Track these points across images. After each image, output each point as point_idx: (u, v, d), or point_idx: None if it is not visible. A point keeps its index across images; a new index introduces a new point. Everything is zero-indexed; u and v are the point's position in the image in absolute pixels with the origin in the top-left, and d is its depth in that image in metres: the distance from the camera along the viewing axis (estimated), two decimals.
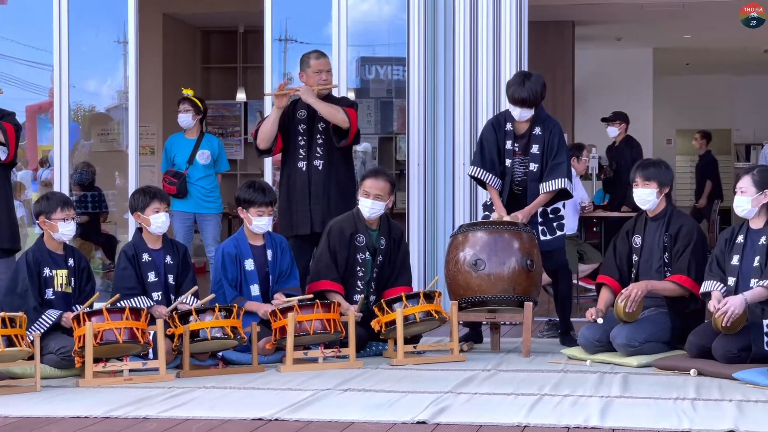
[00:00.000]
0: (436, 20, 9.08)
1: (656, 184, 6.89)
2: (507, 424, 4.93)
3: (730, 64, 18.63)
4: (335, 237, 7.13)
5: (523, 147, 7.41)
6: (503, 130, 7.45)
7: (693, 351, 6.43)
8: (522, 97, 7.27)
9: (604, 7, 13.17)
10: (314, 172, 7.76)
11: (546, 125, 7.40)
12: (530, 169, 7.38)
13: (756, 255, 6.36)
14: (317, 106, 7.67)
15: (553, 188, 7.30)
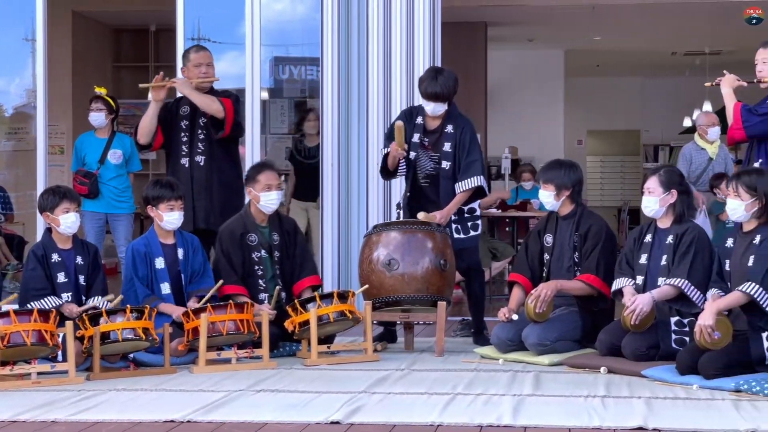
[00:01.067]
0: (350, 21, 9.08)
1: (554, 186, 6.96)
2: (420, 423, 4.94)
3: (640, 66, 18.88)
4: (226, 241, 7.11)
5: (434, 143, 7.44)
6: (413, 122, 7.47)
7: (603, 349, 6.51)
8: (435, 91, 7.30)
9: (516, 8, 13.27)
10: (196, 168, 7.77)
11: (458, 123, 7.43)
12: (442, 166, 7.40)
13: (663, 254, 6.46)
14: (192, 97, 7.69)
15: (469, 187, 7.33)
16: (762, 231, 6.01)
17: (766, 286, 5.81)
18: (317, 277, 7.33)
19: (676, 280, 6.28)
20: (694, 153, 10.60)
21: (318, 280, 7.31)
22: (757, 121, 6.71)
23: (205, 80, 7.81)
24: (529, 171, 12.23)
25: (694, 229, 6.43)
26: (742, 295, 5.85)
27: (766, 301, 5.79)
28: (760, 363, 5.86)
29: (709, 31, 15.23)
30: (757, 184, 6.04)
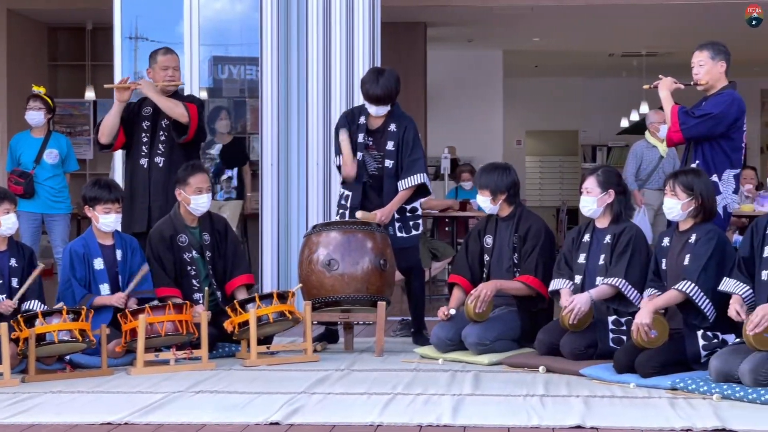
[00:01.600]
0: (289, 20, 9.05)
1: (489, 191, 7.00)
2: (360, 423, 4.94)
3: (578, 67, 19.02)
4: (156, 243, 7.07)
5: (377, 142, 7.45)
6: (356, 124, 7.48)
7: (542, 348, 6.55)
8: (377, 94, 7.30)
9: (456, 9, 13.30)
10: (155, 169, 7.72)
11: (401, 122, 7.45)
12: (385, 165, 7.42)
13: (601, 253, 6.51)
14: (157, 99, 7.65)
15: (412, 184, 7.35)
16: (697, 230, 6.07)
17: (702, 284, 5.87)
18: (250, 276, 7.30)
19: (614, 280, 6.33)
20: (645, 151, 10.64)
21: (251, 279, 7.28)
22: (694, 123, 6.77)
23: (171, 83, 7.77)
24: (469, 171, 12.26)
25: (631, 229, 6.49)
26: (678, 293, 5.91)
27: (701, 299, 5.86)
28: (695, 361, 5.93)
29: (646, 32, 15.38)
30: (693, 184, 6.11)
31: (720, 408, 5.17)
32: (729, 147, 6.81)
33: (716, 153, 6.80)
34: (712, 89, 6.90)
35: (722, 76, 6.90)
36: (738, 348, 5.64)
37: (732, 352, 5.63)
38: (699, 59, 6.90)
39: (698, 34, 9.47)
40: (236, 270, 7.22)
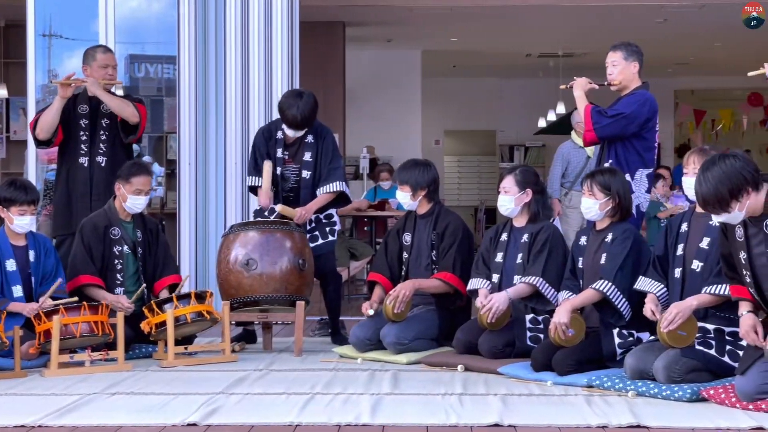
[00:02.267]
0: (207, 18, 8.99)
1: (409, 187, 7.02)
2: (279, 423, 4.92)
3: (495, 67, 19.14)
4: (89, 232, 7.00)
5: (293, 154, 7.45)
6: (274, 139, 7.48)
7: (460, 347, 6.58)
8: (296, 121, 7.29)
9: (374, 9, 13.31)
10: (96, 168, 7.65)
11: (319, 132, 7.46)
12: (303, 176, 7.43)
13: (519, 252, 6.56)
14: (106, 98, 7.58)
15: (331, 191, 7.36)
16: (614, 229, 6.14)
17: (618, 283, 5.94)
18: (179, 276, 7.24)
19: (531, 279, 6.38)
20: (572, 152, 10.50)
21: (179, 279, 7.22)
22: (607, 122, 6.85)
23: (110, 82, 7.72)
24: (387, 171, 12.28)
25: (548, 228, 6.55)
26: (595, 292, 5.97)
27: (618, 298, 5.93)
28: (611, 359, 6.00)
29: (563, 33, 15.52)
30: (610, 183, 6.18)
31: (635, 405, 5.24)
32: (642, 147, 6.90)
33: (629, 152, 6.89)
34: (626, 89, 6.98)
35: (635, 77, 6.98)
36: (652, 345, 5.72)
37: (646, 350, 5.70)
38: (613, 59, 6.98)
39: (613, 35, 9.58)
40: (166, 270, 7.17)
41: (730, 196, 4.97)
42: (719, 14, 13.55)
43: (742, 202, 5.00)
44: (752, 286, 5.19)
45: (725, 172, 4.98)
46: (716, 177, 4.99)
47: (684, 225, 5.82)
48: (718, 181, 4.98)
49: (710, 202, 5.02)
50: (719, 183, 4.97)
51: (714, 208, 5.05)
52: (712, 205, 5.03)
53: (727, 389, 5.26)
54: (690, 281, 5.68)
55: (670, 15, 13.56)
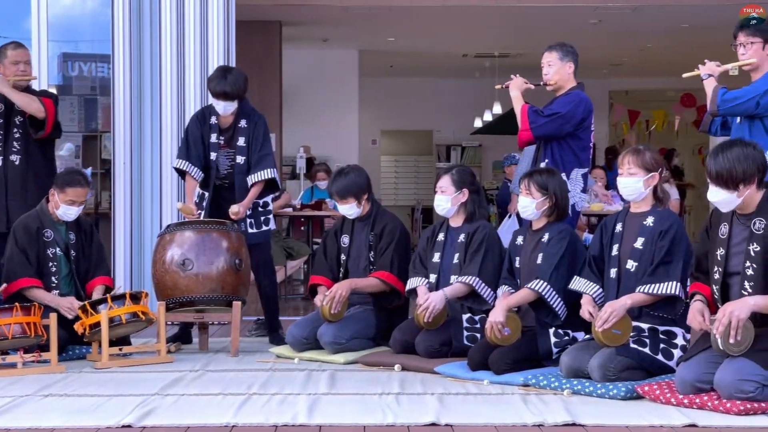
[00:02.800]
0: (142, 17, 8.92)
1: (353, 197, 6.97)
2: (215, 424, 4.89)
3: (432, 67, 19.17)
4: (22, 235, 6.92)
5: (228, 140, 7.43)
6: (208, 124, 7.44)
7: (397, 347, 6.58)
8: (224, 90, 7.27)
9: (311, 8, 13.28)
10: (11, 167, 7.57)
11: (251, 118, 7.44)
12: (237, 161, 7.40)
13: (456, 252, 6.58)
14: (11, 95, 7.52)
15: (261, 179, 7.34)
16: (550, 229, 6.18)
17: (554, 283, 5.98)
18: (110, 279, 7.18)
19: (468, 278, 6.40)
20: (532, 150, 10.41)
21: (110, 282, 7.15)
22: (543, 122, 6.89)
23: (23, 78, 7.65)
24: (324, 170, 12.26)
25: (484, 228, 6.57)
26: (531, 292, 6.01)
27: (553, 298, 5.97)
28: (547, 358, 6.04)
29: (499, 34, 15.59)
30: (548, 183, 6.22)
31: (570, 403, 5.27)
32: (577, 146, 6.95)
33: (565, 152, 6.93)
34: (561, 89, 7.03)
35: (571, 77, 7.03)
36: (587, 344, 5.76)
37: (582, 349, 5.75)
38: (548, 60, 7.03)
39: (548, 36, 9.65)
40: (98, 272, 7.09)
41: (743, 176, 5.12)
42: (652, 16, 13.70)
43: (746, 188, 5.15)
44: (718, 284, 5.27)
45: (745, 154, 5.15)
46: (736, 155, 5.14)
47: (619, 225, 5.88)
48: (736, 160, 5.13)
49: (723, 176, 5.15)
50: (737, 161, 5.13)
51: (721, 184, 5.17)
52: (723, 180, 5.16)
53: (661, 386, 5.32)
54: (625, 281, 5.73)
55: (604, 16, 13.68)
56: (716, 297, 5.29)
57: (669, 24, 14.41)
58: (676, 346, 5.65)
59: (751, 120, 6.10)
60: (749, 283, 5.15)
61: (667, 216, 5.75)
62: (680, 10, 13.33)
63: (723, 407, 4.97)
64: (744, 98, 6.08)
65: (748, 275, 5.16)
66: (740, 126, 6.19)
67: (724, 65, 6.32)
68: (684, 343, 5.67)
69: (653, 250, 5.66)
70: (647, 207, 5.82)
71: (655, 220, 5.74)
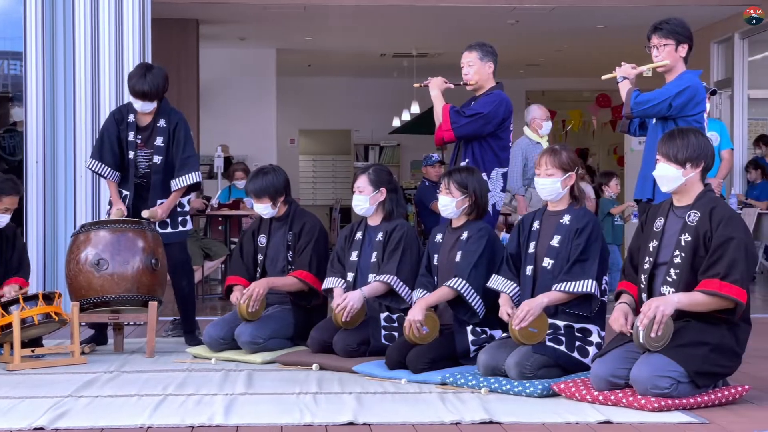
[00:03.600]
0: (55, 14, 8.80)
1: (268, 198, 6.95)
2: (130, 426, 4.83)
3: (350, 67, 19.19)
4: None
5: (146, 139, 7.35)
6: (126, 122, 7.36)
7: (315, 346, 6.57)
8: (143, 90, 7.19)
9: (228, 6, 13.22)
10: None
11: (171, 117, 7.37)
12: (154, 161, 7.31)
13: (374, 251, 6.58)
14: None
15: (186, 183, 7.28)
16: (469, 227, 6.21)
17: (473, 281, 6.00)
18: (25, 281, 7.02)
19: (386, 277, 6.40)
20: (529, 147, 10.23)
21: (24, 283, 7.01)
22: (465, 122, 6.91)
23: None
24: (242, 170, 12.20)
25: (403, 227, 6.58)
26: (450, 290, 6.02)
27: (472, 296, 5.99)
28: (464, 356, 6.06)
29: (416, 34, 15.64)
30: (467, 182, 6.24)
31: (487, 401, 5.30)
32: (498, 146, 6.98)
33: (485, 152, 6.96)
34: (481, 89, 7.05)
35: (490, 77, 7.06)
36: (505, 342, 5.79)
37: (499, 347, 5.77)
38: (468, 60, 7.04)
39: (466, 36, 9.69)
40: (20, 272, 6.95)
41: (693, 156, 5.30)
42: (569, 17, 13.83)
43: (692, 170, 5.30)
44: (647, 273, 5.35)
45: (698, 141, 5.35)
46: (690, 139, 5.34)
47: (536, 223, 5.92)
48: (690, 141, 5.32)
49: (672, 151, 5.32)
50: (690, 143, 5.32)
51: (670, 159, 5.32)
52: (673, 155, 5.32)
53: (577, 383, 5.36)
54: (541, 279, 5.78)
55: (521, 17, 13.79)
56: (642, 287, 5.37)
57: (585, 25, 14.57)
58: (592, 343, 5.70)
59: (664, 121, 6.18)
60: (675, 270, 5.24)
61: (583, 214, 5.81)
62: (596, 11, 13.49)
63: (638, 403, 5.03)
64: (656, 101, 6.16)
65: (675, 263, 5.24)
66: (655, 127, 6.26)
67: (639, 67, 6.39)
68: (599, 340, 5.73)
69: (569, 248, 5.71)
70: (564, 205, 5.87)
71: (571, 219, 5.79)
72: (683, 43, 6.25)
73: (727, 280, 5.09)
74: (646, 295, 5.34)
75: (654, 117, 6.24)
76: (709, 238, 5.19)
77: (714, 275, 5.12)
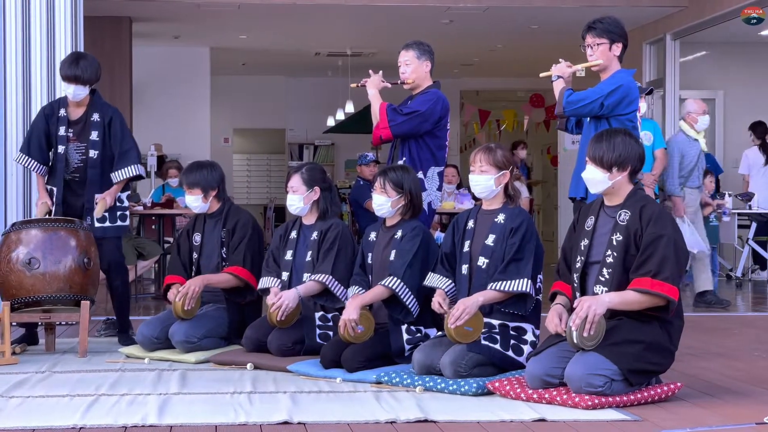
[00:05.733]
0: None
1: (200, 189, 6.95)
2: (61, 426, 4.77)
3: (285, 66, 19.14)
4: None
5: (78, 133, 7.27)
6: (56, 116, 7.29)
7: (249, 345, 6.54)
8: (75, 73, 7.13)
9: (161, 4, 13.13)
10: None
11: (105, 111, 7.32)
12: (90, 156, 7.25)
13: (308, 250, 6.57)
14: None
15: (127, 176, 7.26)
16: (403, 226, 6.22)
17: (407, 280, 6.01)
18: None
19: (321, 276, 6.39)
20: (686, 146, 9.88)
21: None
22: (402, 120, 6.91)
23: None
24: (176, 168, 12.14)
25: (337, 226, 6.58)
26: (385, 289, 6.03)
27: (406, 295, 6.00)
28: (399, 355, 6.07)
29: (351, 33, 15.64)
30: (403, 181, 6.25)
31: (422, 400, 5.31)
32: (434, 145, 7.00)
33: (422, 150, 6.98)
34: (418, 88, 7.07)
35: (427, 76, 7.08)
36: (440, 341, 5.81)
37: (434, 346, 5.79)
38: (405, 58, 7.05)
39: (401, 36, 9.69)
40: None
41: (617, 160, 5.34)
42: (503, 17, 13.91)
43: (619, 174, 5.35)
44: (578, 272, 5.40)
45: (625, 142, 5.38)
46: (617, 141, 5.37)
47: (470, 222, 5.94)
48: (616, 144, 5.36)
49: (599, 155, 5.36)
50: (616, 146, 5.35)
51: (597, 163, 5.37)
52: (599, 159, 5.37)
53: (511, 382, 5.39)
54: (476, 277, 5.80)
55: (455, 16, 13.84)
56: (575, 286, 5.41)
57: (519, 25, 14.65)
58: (526, 342, 5.73)
59: (598, 120, 6.22)
60: (607, 270, 5.28)
61: (518, 213, 5.84)
62: (530, 11, 13.57)
63: (572, 401, 5.07)
64: (588, 100, 6.20)
65: (607, 263, 5.29)
66: (589, 126, 6.31)
67: (574, 66, 6.43)
68: (534, 339, 5.76)
69: (504, 247, 5.74)
70: (498, 204, 5.90)
71: (506, 218, 5.82)
72: (617, 42, 6.30)
73: (659, 277, 5.14)
74: (579, 294, 5.39)
75: (586, 116, 6.29)
76: (639, 236, 5.25)
77: (645, 273, 5.17)
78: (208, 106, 16.95)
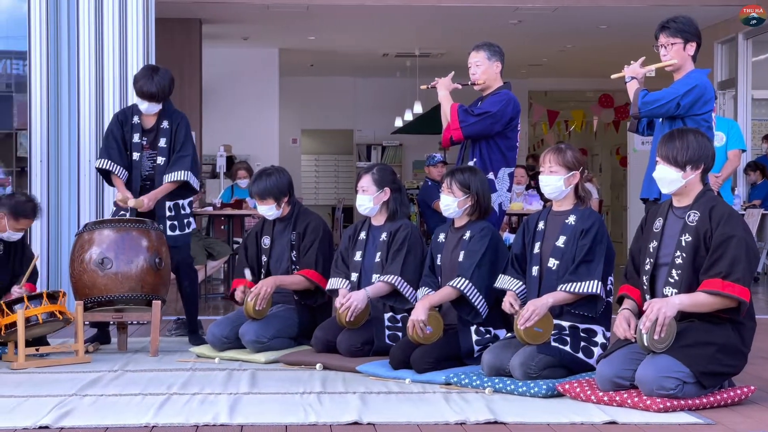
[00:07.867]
0: (59, 13, 8.80)
1: (273, 199, 6.94)
2: (134, 425, 4.82)
3: (353, 67, 19.19)
4: None
5: (151, 141, 7.35)
6: (130, 124, 7.36)
7: (319, 346, 6.56)
8: (150, 91, 7.19)
9: (231, 6, 13.23)
10: None
11: (173, 119, 7.37)
12: (158, 162, 7.32)
13: (377, 251, 6.57)
14: None
15: (176, 179, 7.26)
16: (472, 227, 6.20)
17: (476, 281, 6.00)
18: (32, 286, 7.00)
19: (390, 277, 6.39)
20: None
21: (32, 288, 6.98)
22: (474, 121, 6.89)
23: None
24: (245, 169, 12.21)
25: (407, 227, 6.57)
26: (453, 290, 6.02)
27: (475, 296, 5.98)
28: (468, 356, 6.05)
29: (419, 33, 15.64)
30: (470, 182, 6.23)
31: (492, 401, 5.29)
32: (505, 146, 6.97)
33: (493, 151, 6.95)
34: (489, 89, 7.04)
35: (498, 77, 7.05)
36: (509, 342, 5.78)
37: (503, 347, 5.77)
38: (476, 60, 7.02)
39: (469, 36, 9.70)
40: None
41: (692, 157, 5.28)
42: (572, 17, 13.83)
43: (692, 172, 5.28)
44: (648, 274, 5.34)
45: (698, 141, 5.32)
46: (690, 139, 5.31)
47: (541, 223, 5.91)
48: (690, 143, 5.30)
49: (671, 153, 5.30)
50: (690, 144, 5.29)
51: (670, 162, 5.30)
52: (672, 158, 5.30)
53: (581, 384, 5.35)
54: (547, 279, 5.76)
55: (524, 17, 13.79)
56: (645, 289, 5.36)
57: (588, 25, 14.57)
58: (597, 344, 5.69)
59: (672, 121, 6.16)
60: (677, 271, 5.23)
61: (588, 215, 5.80)
62: (599, 11, 13.48)
63: (643, 404, 5.03)
64: (664, 100, 6.13)
65: (676, 264, 5.24)
66: (662, 126, 6.24)
67: (647, 66, 6.37)
68: (604, 341, 5.72)
69: (575, 249, 5.70)
70: (569, 206, 5.87)
71: (576, 219, 5.79)
72: (691, 41, 6.23)
73: (730, 279, 5.08)
74: (649, 296, 5.34)
75: (662, 116, 6.22)
76: (709, 237, 5.18)
77: (716, 274, 5.11)
78: (276, 107, 17.04)
